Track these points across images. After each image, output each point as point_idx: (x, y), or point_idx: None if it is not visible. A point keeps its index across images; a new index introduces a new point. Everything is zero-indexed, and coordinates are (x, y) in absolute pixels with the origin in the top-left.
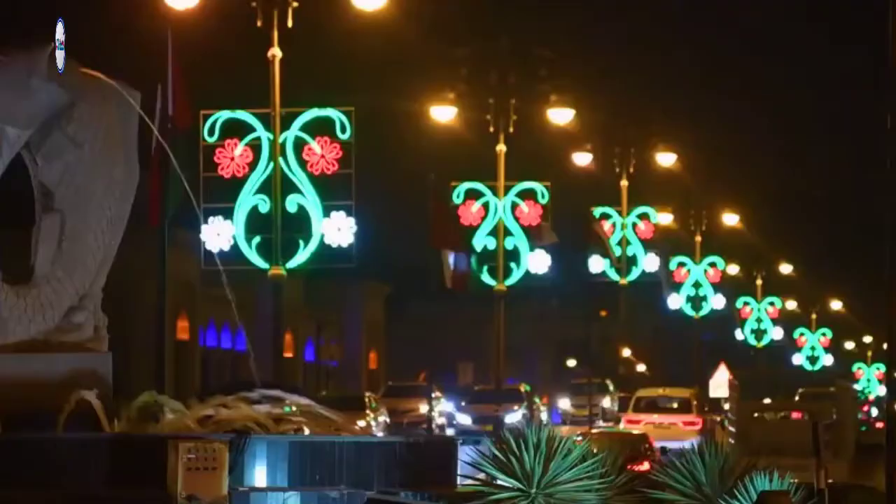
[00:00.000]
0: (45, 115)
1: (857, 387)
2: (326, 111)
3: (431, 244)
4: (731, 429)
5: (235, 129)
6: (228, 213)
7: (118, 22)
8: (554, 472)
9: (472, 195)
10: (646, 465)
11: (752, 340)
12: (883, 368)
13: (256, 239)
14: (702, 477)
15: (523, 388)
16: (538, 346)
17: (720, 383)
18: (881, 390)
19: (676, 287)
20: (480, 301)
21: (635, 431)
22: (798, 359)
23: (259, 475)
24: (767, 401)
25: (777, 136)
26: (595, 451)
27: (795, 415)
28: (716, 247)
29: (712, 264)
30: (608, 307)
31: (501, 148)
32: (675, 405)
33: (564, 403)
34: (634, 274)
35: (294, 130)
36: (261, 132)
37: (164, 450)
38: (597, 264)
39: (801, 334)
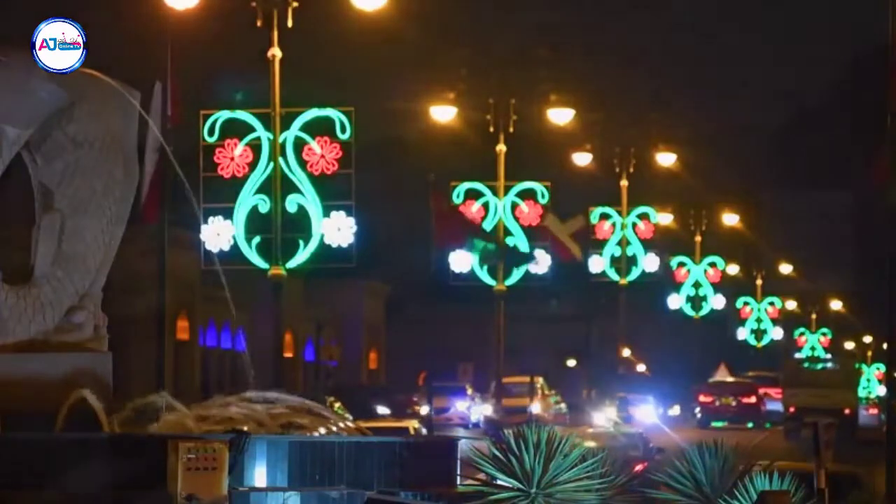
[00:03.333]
0: (45, 115)
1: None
2: (326, 111)
3: (436, 244)
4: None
5: (235, 129)
6: (228, 213)
7: (118, 22)
8: (554, 472)
9: (472, 195)
10: (753, 399)
11: (752, 340)
12: (883, 368)
13: (256, 239)
14: (702, 477)
15: (411, 426)
16: (538, 346)
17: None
18: (881, 390)
19: (676, 287)
20: (480, 301)
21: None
22: None
23: (259, 475)
24: None
25: (778, 134)
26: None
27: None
28: (716, 247)
29: (712, 264)
30: (608, 307)
31: (501, 148)
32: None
33: (486, 409)
34: (634, 274)
35: (294, 130)
36: (261, 132)
37: (164, 450)
38: (597, 264)
39: (802, 334)
